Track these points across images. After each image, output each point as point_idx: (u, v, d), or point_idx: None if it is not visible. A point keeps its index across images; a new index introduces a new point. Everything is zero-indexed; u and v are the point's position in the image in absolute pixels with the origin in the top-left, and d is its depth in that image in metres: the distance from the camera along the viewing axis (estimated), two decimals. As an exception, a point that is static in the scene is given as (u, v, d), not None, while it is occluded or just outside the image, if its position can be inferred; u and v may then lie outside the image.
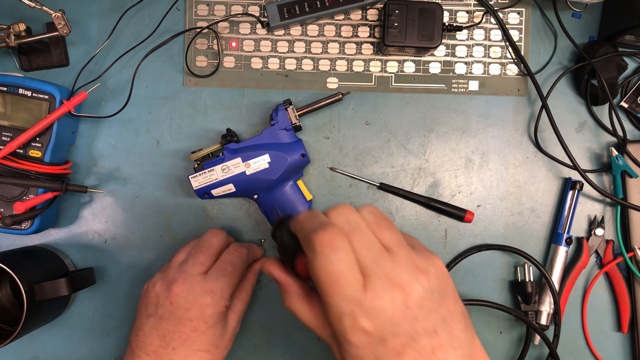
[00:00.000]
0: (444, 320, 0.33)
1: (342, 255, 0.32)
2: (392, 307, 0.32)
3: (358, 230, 0.33)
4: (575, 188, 0.55)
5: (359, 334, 0.32)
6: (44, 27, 0.55)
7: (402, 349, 0.32)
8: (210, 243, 0.49)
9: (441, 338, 0.33)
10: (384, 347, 0.32)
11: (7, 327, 0.52)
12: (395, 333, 0.32)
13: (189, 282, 0.46)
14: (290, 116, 0.53)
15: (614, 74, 0.54)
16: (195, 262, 0.47)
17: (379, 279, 0.32)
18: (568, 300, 0.56)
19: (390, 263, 0.33)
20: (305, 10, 0.54)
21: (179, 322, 0.45)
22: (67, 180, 0.53)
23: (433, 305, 0.33)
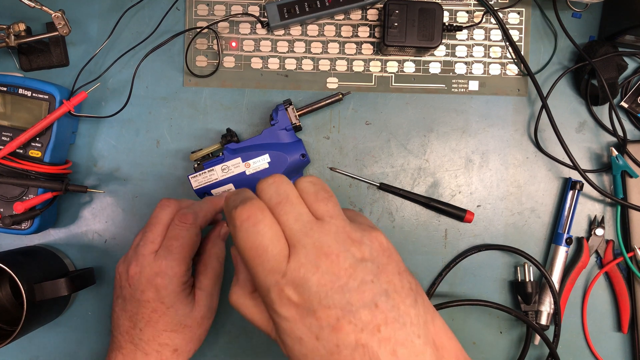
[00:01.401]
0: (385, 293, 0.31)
1: (261, 227, 0.31)
2: (317, 275, 0.30)
3: (286, 201, 0.33)
4: (575, 188, 0.55)
5: (286, 306, 0.31)
6: (44, 27, 0.55)
7: (337, 322, 0.30)
8: (159, 218, 0.47)
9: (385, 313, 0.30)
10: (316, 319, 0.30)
11: (7, 327, 0.52)
12: (324, 304, 0.30)
13: (141, 263, 0.45)
14: (290, 116, 0.53)
15: (614, 74, 0.54)
16: (146, 241, 0.46)
17: (303, 247, 0.31)
18: (568, 300, 0.56)
19: (318, 232, 0.32)
20: (305, 10, 0.54)
21: (139, 304, 0.45)
22: (67, 180, 0.53)
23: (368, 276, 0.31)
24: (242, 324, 0.56)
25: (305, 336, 0.31)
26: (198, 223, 0.47)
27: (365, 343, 0.30)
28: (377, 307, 0.30)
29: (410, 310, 0.31)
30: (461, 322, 0.56)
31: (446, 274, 0.56)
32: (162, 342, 0.45)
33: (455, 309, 0.55)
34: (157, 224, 0.47)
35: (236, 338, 0.56)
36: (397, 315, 0.31)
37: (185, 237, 0.46)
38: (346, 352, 0.30)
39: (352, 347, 0.30)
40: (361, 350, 0.30)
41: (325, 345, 0.30)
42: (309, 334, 0.31)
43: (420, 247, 0.56)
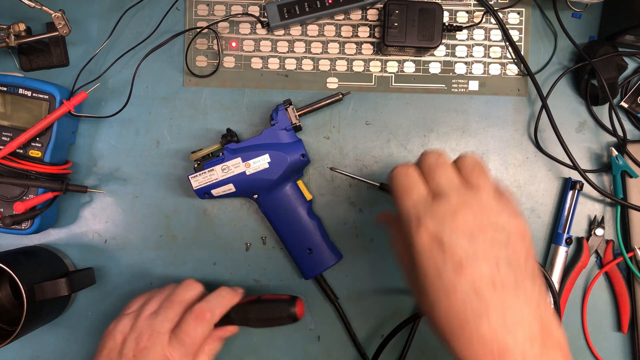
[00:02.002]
0: (508, 262, 0.35)
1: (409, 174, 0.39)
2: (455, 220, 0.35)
3: (443, 166, 0.39)
4: (575, 188, 0.55)
5: (422, 234, 0.35)
6: (44, 27, 0.55)
7: (459, 265, 0.34)
8: (182, 298, 0.48)
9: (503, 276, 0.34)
10: (443, 256, 0.34)
11: (7, 327, 0.52)
12: (453, 245, 0.34)
13: (154, 340, 0.45)
14: (290, 116, 0.53)
15: (614, 74, 0.54)
16: (165, 318, 0.46)
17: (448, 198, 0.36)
18: (568, 300, 0.56)
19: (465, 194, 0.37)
20: (305, 10, 0.54)
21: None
22: (67, 180, 0.53)
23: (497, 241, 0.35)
24: (242, 324, 0.56)
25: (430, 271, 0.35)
26: (214, 321, 0.48)
27: (480, 293, 0.34)
28: (498, 269, 0.34)
29: (527, 286, 0.35)
30: (461, 322, 0.56)
31: (446, 274, 0.56)
32: None
33: (455, 309, 0.55)
34: (180, 303, 0.47)
35: (236, 338, 0.56)
36: (513, 283, 0.34)
37: (199, 335, 0.46)
38: (461, 294, 0.34)
39: (467, 292, 0.34)
40: (474, 297, 0.33)
41: (445, 284, 0.34)
42: (434, 270, 0.35)
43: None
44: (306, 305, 0.56)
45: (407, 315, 0.56)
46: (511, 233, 0.36)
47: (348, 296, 0.56)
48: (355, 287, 0.56)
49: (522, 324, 0.33)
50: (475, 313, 0.34)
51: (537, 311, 0.34)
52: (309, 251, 0.54)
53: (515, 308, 0.34)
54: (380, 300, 0.56)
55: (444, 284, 0.34)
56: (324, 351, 0.56)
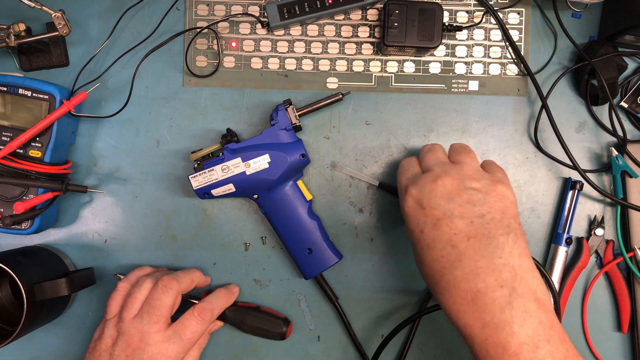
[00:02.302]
0: (482, 217, 0.40)
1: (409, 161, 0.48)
2: (434, 185, 0.42)
3: (433, 150, 0.47)
4: (575, 188, 0.55)
5: (408, 199, 0.43)
6: (44, 27, 0.55)
7: (437, 221, 0.41)
8: (162, 302, 0.48)
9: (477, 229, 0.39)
10: (424, 215, 0.41)
11: (7, 327, 0.52)
12: (432, 204, 0.41)
13: (146, 340, 0.46)
14: (290, 116, 0.53)
15: (614, 74, 0.54)
16: (150, 321, 0.47)
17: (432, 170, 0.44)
18: (568, 300, 0.56)
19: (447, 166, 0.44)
20: (305, 10, 0.54)
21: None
22: (67, 180, 0.53)
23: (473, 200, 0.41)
24: (242, 324, 0.56)
25: (415, 228, 0.42)
26: (213, 319, 0.51)
27: (455, 244, 0.39)
28: (472, 223, 0.40)
29: (500, 237, 0.39)
30: (461, 322, 0.56)
31: (446, 274, 0.56)
32: None
33: (455, 309, 0.55)
34: (162, 306, 0.48)
35: (236, 338, 0.56)
36: (486, 235, 0.39)
37: (198, 331, 0.49)
38: (440, 246, 0.40)
39: (444, 243, 0.40)
40: (450, 248, 0.39)
41: (426, 238, 0.41)
42: (417, 228, 0.42)
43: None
44: (305, 306, 0.56)
45: (407, 315, 0.56)
46: (488, 194, 0.41)
47: (348, 296, 0.56)
48: (355, 287, 0.56)
49: (492, 270, 0.37)
50: (451, 262, 0.39)
51: (509, 260, 0.38)
52: (309, 251, 0.54)
53: (486, 256, 0.38)
54: (380, 300, 0.56)
55: (425, 239, 0.41)
56: (324, 351, 0.56)
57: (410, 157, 0.49)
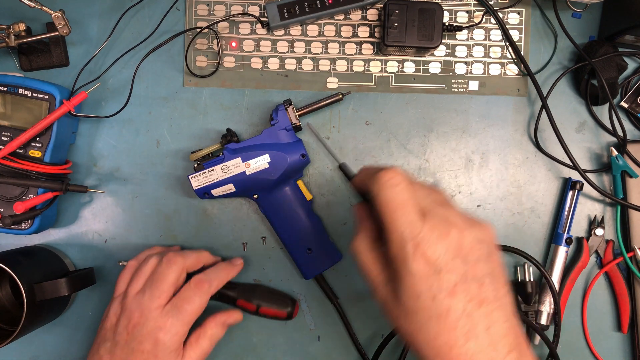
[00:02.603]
0: (491, 275, 0.35)
1: (403, 187, 0.36)
2: (448, 240, 0.35)
3: (417, 182, 0.38)
4: (575, 188, 0.55)
5: (419, 260, 0.34)
6: (44, 27, 0.55)
7: (454, 288, 0.34)
8: (166, 276, 0.48)
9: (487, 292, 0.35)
10: (439, 280, 0.34)
11: (7, 327, 0.52)
12: (450, 267, 0.34)
13: (146, 315, 0.46)
14: (290, 116, 0.53)
15: (614, 74, 0.54)
16: (152, 296, 0.47)
17: (436, 216, 0.35)
18: (568, 300, 0.56)
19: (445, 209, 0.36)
20: (305, 10, 0.54)
21: (132, 353, 0.46)
22: (67, 180, 0.53)
23: (482, 256, 0.36)
24: (242, 323, 0.56)
25: (424, 294, 0.34)
26: (211, 291, 0.49)
27: (469, 313, 0.34)
28: (483, 285, 0.35)
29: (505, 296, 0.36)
30: (461, 322, 0.56)
31: (446, 274, 0.56)
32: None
33: (455, 309, 0.55)
34: (164, 281, 0.48)
35: (236, 338, 0.56)
36: (496, 297, 0.35)
37: (196, 303, 0.48)
38: (453, 317, 0.34)
39: (458, 314, 0.34)
40: (465, 319, 0.34)
41: (438, 307, 0.34)
42: (428, 293, 0.34)
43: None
44: (305, 306, 0.56)
45: (407, 315, 0.56)
46: (490, 244, 0.37)
47: (348, 296, 0.56)
48: (355, 287, 0.56)
49: (503, 336, 0.34)
50: (464, 334, 0.34)
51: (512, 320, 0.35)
52: (308, 251, 0.54)
53: (497, 322, 0.34)
54: (380, 300, 0.56)
55: (437, 308, 0.34)
56: (324, 351, 0.56)
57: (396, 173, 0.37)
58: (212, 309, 0.56)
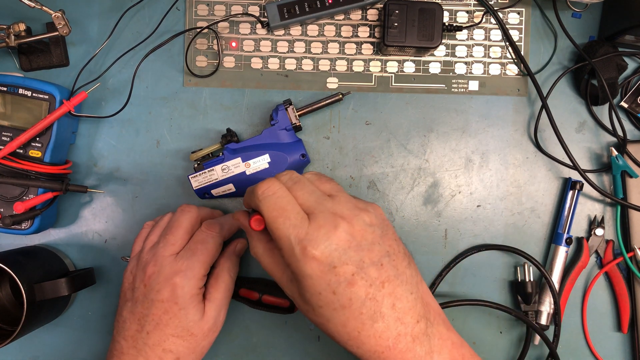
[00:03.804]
0: (388, 255, 0.37)
1: (280, 194, 0.37)
2: (337, 234, 0.35)
3: (299, 182, 0.39)
4: (575, 188, 0.55)
5: (310, 262, 0.35)
6: (44, 27, 0.55)
7: (352, 278, 0.35)
8: (180, 222, 0.48)
9: (388, 271, 0.36)
10: (336, 275, 0.35)
11: (7, 327, 0.52)
12: (343, 260, 0.35)
13: (160, 263, 0.45)
14: (290, 116, 0.53)
15: (614, 74, 0.54)
16: (166, 243, 0.47)
17: (321, 213, 0.36)
18: (568, 300, 0.56)
19: (331, 203, 0.37)
20: (305, 10, 0.54)
21: (152, 304, 0.45)
22: (67, 180, 0.53)
23: (375, 239, 0.37)
24: (242, 323, 0.56)
25: (323, 291, 0.35)
26: (223, 234, 0.49)
27: (373, 297, 0.35)
28: (382, 266, 0.36)
29: (406, 270, 0.37)
30: (461, 322, 0.56)
31: (446, 274, 0.56)
32: (166, 348, 0.45)
33: (455, 309, 0.55)
34: (179, 227, 0.48)
35: (236, 338, 0.56)
36: (396, 274, 0.37)
37: (210, 244, 0.47)
38: (357, 304, 0.35)
39: (361, 300, 0.35)
40: (369, 303, 0.35)
41: (340, 299, 0.35)
42: (328, 289, 0.35)
43: (420, 247, 0.56)
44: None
45: (407, 315, 0.56)
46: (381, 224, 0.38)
47: (348, 296, 0.56)
48: (355, 287, 0.56)
49: (410, 308, 0.36)
50: (370, 316, 0.36)
51: (418, 291, 0.38)
52: (309, 251, 0.54)
53: (402, 297, 0.36)
54: (380, 300, 0.56)
55: (340, 300, 0.35)
56: (324, 351, 0.56)
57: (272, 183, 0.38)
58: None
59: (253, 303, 0.54)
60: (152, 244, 0.48)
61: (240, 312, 0.56)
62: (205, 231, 0.48)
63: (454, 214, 0.57)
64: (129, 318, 0.46)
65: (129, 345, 0.45)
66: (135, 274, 0.47)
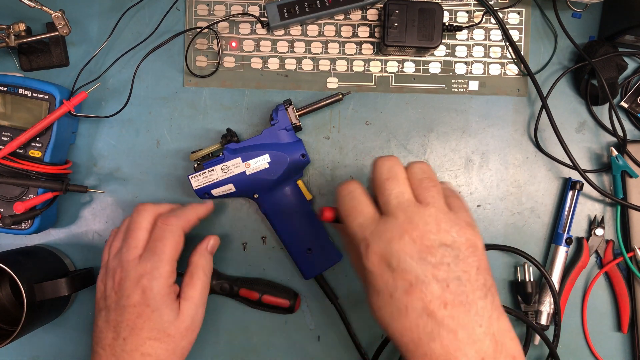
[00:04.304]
0: (458, 279, 0.35)
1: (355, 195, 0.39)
2: (401, 242, 0.35)
3: (394, 178, 0.38)
4: (575, 188, 0.55)
5: (371, 257, 0.36)
6: (44, 27, 0.55)
7: (410, 287, 0.35)
8: (138, 224, 0.47)
9: (454, 295, 0.34)
10: (394, 279, 0.35)
11: (7, 327, 0.52)
12: (402, 267, 0.35)
13: (126, 268, 0.45)
14: (290, 116, 0.53)
15: (614, 74, 0.54)
16: (129, 247, 0.46)
17: (395, 218, 0.36)
18: (568, 300, 0.56)
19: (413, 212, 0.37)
20: (305, 10, 0.54)
21: (124, 310, 0.44)
22: (67, 180, 0.53)
23: (446, 259, 0.35)
24: (242, 324, 0.56)
25: (382, 291, 0.36)
26: (180, 225, 0.47)
27: (431, 313, 0.34)
28: (448, 287, 0.35)
29: (478, 301, 0.35)
30: (461, 322, 0.56)
31: (446, 274, 0.56)
32: (144, 352, 0.44)
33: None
34: (138, 229, 0.47)
35: (236, 338, 0.56)
36: (464, 301, 0.35)
37: (169, 239, 0.46)
38: (414, 314, 0.34)
39: (419, 312, 0.34)
40: (426, 317, 0.34)
41: (397, 304, 0.35)
42: (385, 290, 0.36)
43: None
44: (305, 306, 0.56)
45: (407, 315, 0.56)
46: (460, 248, 0.36)
47: (348, 296, 0.56)
48: (355, 287, 0.56)
49: (474, 341, 0.34)
50: (427, 333, 0.34)
51: (489, 327, 0.35)
52: (308, 251, 0.54)
53: (467, 326, 0.34)
54: (380, 300, 0.56)
55: (397, 305, 0.35)
56: (324, 351, 0.56)
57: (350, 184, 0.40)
58: (213, 302, 0.56)
59: (253, 303, 0.54)
60: (117, 250, 0.47)
61: (240, 312, 0.56)
62: (162, 226, 0.47)
63: (454, 214, 0.57)
64: (104, 327, 0.45)
65: (107, 354, 0.44)
66: (106, 282, 0.47)
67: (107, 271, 0.47)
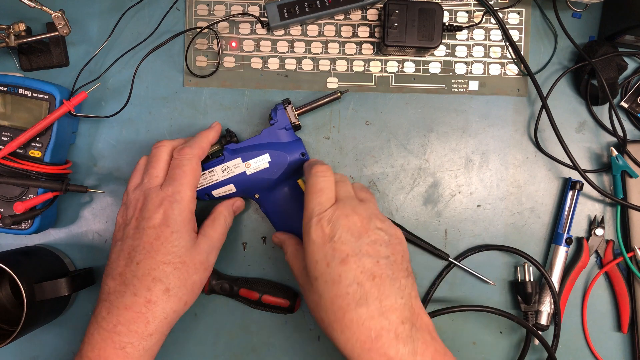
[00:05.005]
0: (387, 258, 0.42)
1: (327, 178, 0.45)
2: (346, 221, 0.42)
3: (345, 182, 0.47)
4: (575, 188, 0.55)
5: (318, 230, 0.42)
6: (44, 27, 0.55)
7: (345, 257, 0.41)
8: (158, 157, 0.49)
9: (382, 269, 0.41)
10: (332, 249, 0.41)
11: (7, 327, 0.52)
12: (342, 240, 0.41)
13: (147, 194, 0.46)
14: (289, 115, 0.53)
15: (614, 74, 0.54)
16: (150, 177, 0.47)
17: (344, 204, 0.44)
18: (568, 300, 0.56)
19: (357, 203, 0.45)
20: (305, 10, 0.54)
21: (143, 233, 0.45)
22: (67, 180, 0.53)
23: (380, 241, 0.42)
24: (242, 323, 0.56)
25: (320, 260, 0.41)
26: (195, 153, 0.49)
27: (361, 282, 0.40)
28: (378, 263, 0.41)
29: (401, 279, 0.41)
30: (461, 323, 0.56)
31: (446, 274, 0.56)
32: (155, 277, 0.43)
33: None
34: (158, 161, 0.48)
35: (236, 338, 0.56)
36: (390, 276, 0.41)
37: (186, 166, 0.48)
38: (346, 282, 0.40)
39: (350, 281, 0.40)
40: (356, 286, 0.40)
41: (332, 273, 0.41)
42: (323, 260, 0.41)
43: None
44: (305, 306, 0.56)
45: (407, 315, 0.56)
46: (391, 236, 0.43)
47: (348, 296, 0.56)
48: (355, 287, 0.56)
49: (396, 309, 0.39)
50: (356, 300, 0.39)
51: (409, 300, 0.41)
52: (309, 251, 0.54)
53: (390, 296, 0.40)
54: (380, 300, 0.56)
55: (331, 273, 0.41)
56: (324, 351, 0.56)
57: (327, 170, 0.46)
58: (213, 302, 0.56)
59: (253, 303, 0.54)
60: (136, 184, 0.48)
61: (240, 312, 0.56)
62: (178, 157, 0.48)
63: (454, 214, 0.57)
64: (118, 257, 0.45)
65: (116, 283, 0.44)
66: (125, 214, 0.47)
67: (128, 204, 0.47)
